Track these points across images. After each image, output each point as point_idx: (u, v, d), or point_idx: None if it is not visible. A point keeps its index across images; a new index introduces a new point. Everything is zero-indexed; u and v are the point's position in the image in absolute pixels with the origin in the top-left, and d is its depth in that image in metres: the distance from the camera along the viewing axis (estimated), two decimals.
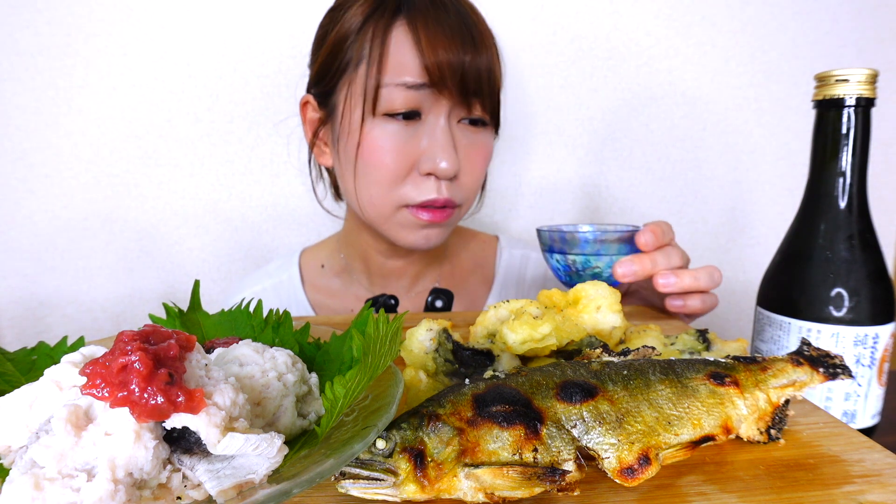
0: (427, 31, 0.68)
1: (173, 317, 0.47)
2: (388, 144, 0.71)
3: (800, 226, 0.56)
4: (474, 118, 0.74)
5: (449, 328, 0.45)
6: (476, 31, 0.71)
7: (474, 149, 0.75)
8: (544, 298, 0.50)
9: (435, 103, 0.71)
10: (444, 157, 0.70)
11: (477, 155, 0.76)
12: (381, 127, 0.71)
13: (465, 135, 0.74)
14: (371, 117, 0.71)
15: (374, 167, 0.72)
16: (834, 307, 0.52)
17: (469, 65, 0.69)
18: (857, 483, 0.31)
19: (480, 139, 0.76)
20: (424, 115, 0.72)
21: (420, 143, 0.71)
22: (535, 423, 0.31)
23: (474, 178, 0.76)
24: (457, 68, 0.68)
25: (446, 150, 0.70)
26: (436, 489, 0.29)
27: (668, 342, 0.49)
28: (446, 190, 0.72)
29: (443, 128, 0.71)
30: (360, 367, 0.32)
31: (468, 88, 0.70)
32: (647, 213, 1.21)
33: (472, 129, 0.75)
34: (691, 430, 0.33)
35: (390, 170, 0.72)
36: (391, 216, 0.75)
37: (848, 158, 0.52)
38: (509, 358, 0.45)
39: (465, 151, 0.74)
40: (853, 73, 0.50)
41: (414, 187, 0.73)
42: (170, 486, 0.28)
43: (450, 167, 0.70)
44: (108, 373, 0.26)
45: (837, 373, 0.37)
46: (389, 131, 0.71)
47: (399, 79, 0.69)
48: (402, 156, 0.71)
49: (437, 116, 0.71)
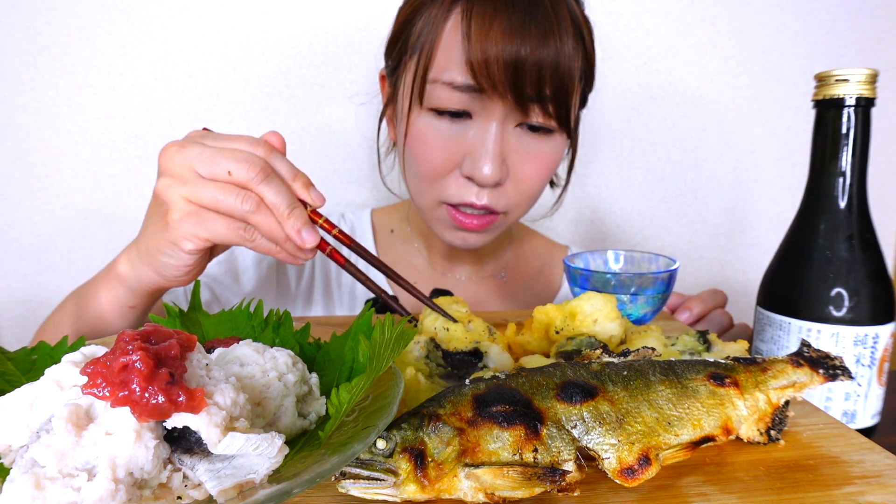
0: (481, 20, 0.61)
1: (174, 317, 0.47)
2: (432, 140, 0.67)
3: (800, 226, 0.56)
4: (534, 125, 0.67)
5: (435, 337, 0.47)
6: (547, 17, 0.61)
7: (529, 157, 0.69)
8: (541, 315, 0.50)
9: (487, 104, 0.65)
10: (487, 164, 0.65)
11: (532, 163, 0.69)
12: (427, 121, 0.68)
13: (522, 141, 0.68)
14: (418, 108, 0.68)
15: (417, 160, 0.70)
16: (834, 307, 0.52)
17: (527, 61, 0.60)
18: (857, 484, 0.31)
19: (540, 147, 0.69)
20: (475, 115, 0.66)
21: (466, 143, 0.67)
22: (535, 424, 0.31)
23: (526, 187, 0.70)
24: (509, 65, 0.60)
25: (490, 156, 0.65)
26: (436, 489, 0.29)
27: (669, 343, 0.49)
28: (487, 196, 0.68)
29: (492, 132, 0.65)
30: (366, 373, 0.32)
31: (524, 91, 0.62)
32: (647, 213, 1.21)
33: (532, 135, 0.68)
34: (691, 430, 0.33)
35: (431, 166, 0.68)
36: (432, 210, 0.73)
37: (848, 158, 0.52)
38: (497, 352, 0.46)
39: (518, 158, 0.68)
40: (853, 73, 0.50)
41: (455, 186, 0.69)
42: (170, 485, 0.28)
43: (492, 175, 0.65)
44: (109, 372, 0.26)
45: (837, 374, 0.37)
46: (435, 127, 0.67)
47: (445, 76, 0.64)
48: (444, 154, 0.67)
49: (488, 120, 0.66)
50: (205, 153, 0.47)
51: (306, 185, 0.50)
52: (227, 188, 0.46)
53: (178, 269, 0.51)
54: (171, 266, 0.51)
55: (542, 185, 0.73)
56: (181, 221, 0.47)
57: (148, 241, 0.52)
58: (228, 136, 0.49)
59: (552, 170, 0.72)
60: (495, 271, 0.91)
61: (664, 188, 1.20)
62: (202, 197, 0.46)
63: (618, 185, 1.19)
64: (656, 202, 1.21)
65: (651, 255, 0.66)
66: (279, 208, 0.47)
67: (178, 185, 0.47)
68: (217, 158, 0.46)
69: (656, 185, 1.20)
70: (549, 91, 0.63)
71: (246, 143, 0.48)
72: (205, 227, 0.47)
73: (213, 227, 0.47)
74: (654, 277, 0.59)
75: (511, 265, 0.92)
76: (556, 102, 0.65)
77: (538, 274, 0.94)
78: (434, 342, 0.46)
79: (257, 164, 0.46)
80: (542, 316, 0.50)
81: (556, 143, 0.70)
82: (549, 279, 0.94)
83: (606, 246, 1.21)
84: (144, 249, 0.52)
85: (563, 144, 0.72)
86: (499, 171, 0.66)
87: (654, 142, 1.18)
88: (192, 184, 0.46)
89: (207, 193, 0.46)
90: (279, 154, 0.50)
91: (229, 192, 0.46)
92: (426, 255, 0.89)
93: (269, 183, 0.47)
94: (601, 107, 1.15)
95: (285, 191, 0.48)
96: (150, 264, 0.52)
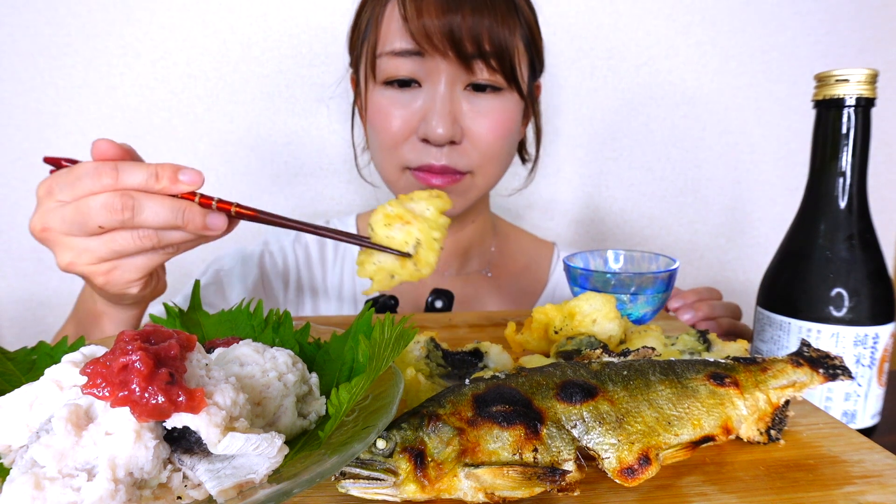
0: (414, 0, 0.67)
1: (174, 317, 0.47)
2: (387, 109, 0.73)
3: (800, 226, 0.56)
4: (481, 84, 0.72)
5: (435, 336, 0.47)
6: None
7: (481, 115, 0.73)
8: (540, 315, 0.50)
9: (433, 70, 0.70)
10: (438, 122, 0.69)
11: (485, 121, 0.73)
12: (380, 93, 0.73)
13: (472, 102, 0.73)
14: (373, 84, 0.73)
15: (377, 131, 0.75)
16: (834, 307, 0.52)
17: (463, 26, 0.66)
18: (857, 484, 0.31)
19: (491, 104, 0.73)
20: (424, 82, 0.71)
21: (420, 109, 0.72)
22: (535, 423, 0.31)
23: (483, 144, 0.74)
24: (446, 31, 0.66)
25: (439, 114, 0.70)
26: (436, 489, 0.29)
27: (669, 342, 0.49)
28: (445, 157, 0.72)
29: (441, 94, 0.70)
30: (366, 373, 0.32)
31: (464, 51, 0.67)
32: (647, 212, 1.21)
33: (481, 94, 0.73)
34: (691, 430, 0.33)
35: (389, 134, 0.73)
36: (398, 180, 0.77)
37: (848, 158, 0.52)
38: (497, 352, 0.46)
39: (471, 118, 0.72)
40: (853, 73, 0.50)
41: (414, 151, 0.73)
42: (170, 485, 0.28)
43: (444, 133, 0.69)
44: (109, 372, 0.26)
45: (837, 374, 0.37)
46: (388, 97, 0.73)
47: (388, 47, 0.70)
48: (399, 120, 0.72)
49: (436, 83, 0.70)
50: (66, 217, 0.45)
51: (173, 179, 0.46)
52: (117, 236, 0.45)
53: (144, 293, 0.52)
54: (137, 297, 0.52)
55: (501, 144, 0.76)
56: (109, 281, 0.48)
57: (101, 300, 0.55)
58: (70, 178, 0.45)
59: (508, 127, 0.75)
60: (480, 268, 0.92)
61: (664, 188, 1.20)
62: (103, 254, 0.46)
63: (618, 185, 1.19)
64: (656, 202, 1.21)
65: (651, 255, 0.66)
66: (172, 223, 0.45)
67: (76, 258, 0.46)
68: (80, 216, 0.44)
69: (656, 185, 1.20)
70: (488, 47, 0.68)
71: (87, 179, 0.44)
72: (130, 270, 0.48)
73: (136, 265, 0.48)
74: (654, 277, 0.59)
75: (496, 262, 0.94)
76: (498, 57, 0.69)
77: (524, 270, 0.95)
78: (434, 342, 0.46)
79: (114, 202, 0.44)
80: (542, 316, 0.50)
81: (507, 101, 0.74)
82: (537, 275, 0.95)
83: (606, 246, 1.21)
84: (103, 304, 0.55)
85: (516, 103, 0.75)
86: (450, 128, 0.70)
87: (654, 142, 1.18)
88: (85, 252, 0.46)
89: (104, 249, 0.46)
90: (125, 164, 0.46)
91: (120, 238, 0.45)
92: None
93: (141, 209, 0.44)
94: (601, 107, 1.15)
95: (162, 205, 0.45)
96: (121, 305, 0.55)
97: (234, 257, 0.86)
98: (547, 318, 0.50)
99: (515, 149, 0.84)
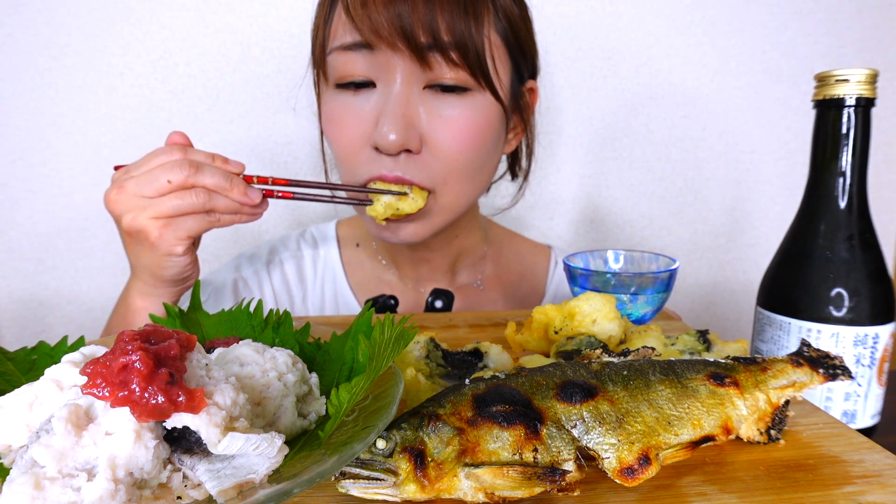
0: None
1: (173, 316, 0.47)
2: (339, 115, 0.64)
3: (800, 226, 0.56)
4: (446, 84, 0.61)
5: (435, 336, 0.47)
6: None
7: (443, 121, 0.62)
8: (540, 315, 0.50)
9: (386, 67, 0.61)
10: (390, 129, 0.59)
11: (447, 127, 0.62)
12: (332, 97, 0.65)
13: (433, 104, 0.62)
14: (326, 88, 0.66)
15: (332, 141, 0.67)
16: (834, 307, 0.52)
17: (414, 13, 0.57)
18: (857, 484, 0.31)
19: (455, 108, 0.62)
20: (378, 82, 0.62)
21: (373, 113, 0.62)
22: (535, 423, 0.31)
23: (446, 155, 0.63)
24: (394, 20, 0.57)
25: (390, 117, 0.59)
26: (436, 489, 0.29)
27: (669, 343, 0.49)
28: (399, 167, 0.62)
29: (394, 94, 0.61)
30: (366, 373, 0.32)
31: (417, 42, 0.57)
32: (647, 213, 1.21)
33: (444, 95, 0.62)
34: (691, 430, 0.33)
35: (342, 143, 0.65)
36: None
37: (848, 158, 0.52)
38: (497, 352, 0.46)
39: (430, 123, 0.62)
40: (853, 73, 0.50)
41: (367, 161, 0.63)
42: (170, 485, 0.28)
43: (396, 139, 0.59)
44: (109, 372, 0.26)
45: (837, 374, 0.37)
46: (340, 101, 0.64)
47: (335, 42, 0.62)
48: (352, 128, 0.63)
49: (390, 83, 0.61)
50: (140, 180, 0.54)
51: (225, 161, 0.58)
52: (178, 194, 0.54)
53: (183, 270, 0.59)
54: (177, 271, 0.58)
55: (468, 156, 0.64)
56: (162, 236, 0.55)
57: (146, 268, 0.59)
58: (145, 159, 0.56)
59: (477, 136, 0.63)
60: (470, 280, 0.85)
61: (664, 188, 1.20)
62: (164, 210, 0.54)
63: (618, 185, 1.19)
64: (656, 202, 1.21)
65: (651, 255, 0.66)
66: (221, 186, 0.55)
67: (140, 213, 0.55)
68: (152, 178, 0.54)
69: (656, 185, 1.20)
70: (446, 37, 0.58)
71: (163, 154, 0.55)
72: (181, 229, 0.56)
73: (186, 226, 0.56)
74: (654, 277, 0.59)
75: (489, 272, 0.87)
76: (460, 49, 0.59)
77: (520, 280, 0.89)
78: (434, 342, 0.46)
79: (184, 164, 0.54)
80: (541, 316, 0.50)
81: (475, 103, 0.63)
82: (533, 283, 0.89)
83: (606, 246, 1.21)
84: (148, 276, 0.59)
85: (488, 107, 0.64)
86: (403, 132, 0.60)
87: (654, 142, 1.18)
88: (150, 206, 0.54)
89: (166, 205, 0.54)
90: (191, 147, 0.58)
91: (181, 196, 0.55)
92: (395, 270, 0.84)
93: (202, 172, 0.55)
94: (601, 107, 1.15)
95: (217, 171, 0.56)
96: (160, 282, 0.59)
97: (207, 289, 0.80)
98: (547, 318, 0.50)
99: (492, 163, 0.71)
